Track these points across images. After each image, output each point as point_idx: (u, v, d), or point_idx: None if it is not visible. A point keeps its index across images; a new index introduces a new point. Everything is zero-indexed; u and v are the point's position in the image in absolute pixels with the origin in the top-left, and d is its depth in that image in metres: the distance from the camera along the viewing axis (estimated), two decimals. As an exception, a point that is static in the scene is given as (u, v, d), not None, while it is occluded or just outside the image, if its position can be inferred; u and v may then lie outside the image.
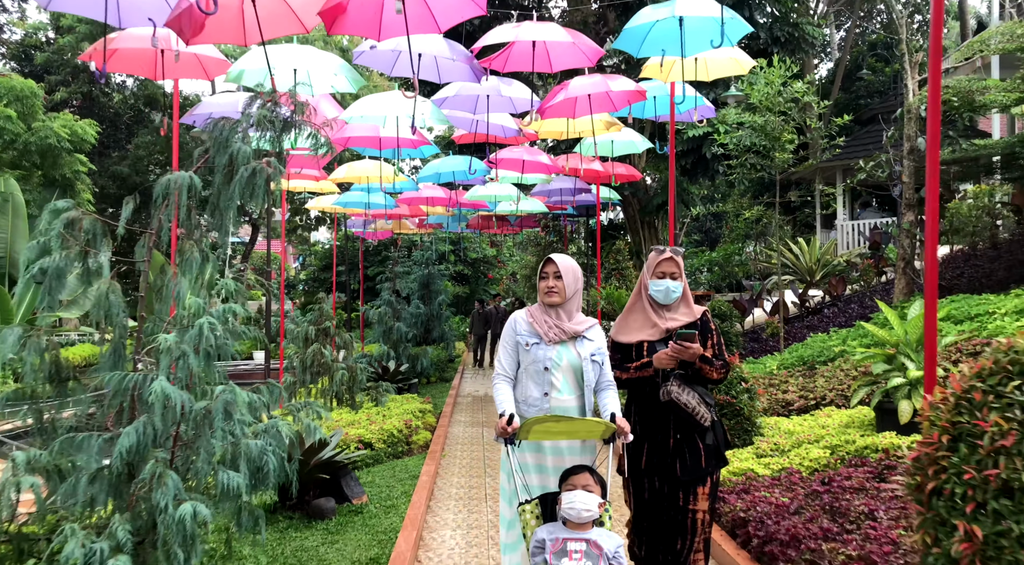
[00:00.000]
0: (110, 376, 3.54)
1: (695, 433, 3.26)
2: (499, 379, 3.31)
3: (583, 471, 2.90)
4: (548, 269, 3.34)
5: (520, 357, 3.29)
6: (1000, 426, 2.49)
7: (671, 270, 3.38)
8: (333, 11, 4.34)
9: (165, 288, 3.84)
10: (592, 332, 3.33)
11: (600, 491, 2.87)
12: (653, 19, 5.25)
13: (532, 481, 3.14)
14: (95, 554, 3.04)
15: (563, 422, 2.95)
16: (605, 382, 3.30)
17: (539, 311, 3.33)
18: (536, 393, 3.24)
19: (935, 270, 3.21)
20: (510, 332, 3.34)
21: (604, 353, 3.33)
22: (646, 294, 3.44)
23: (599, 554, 2.70)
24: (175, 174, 3.83)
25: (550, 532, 2.80)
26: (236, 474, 3.46)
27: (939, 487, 2.61)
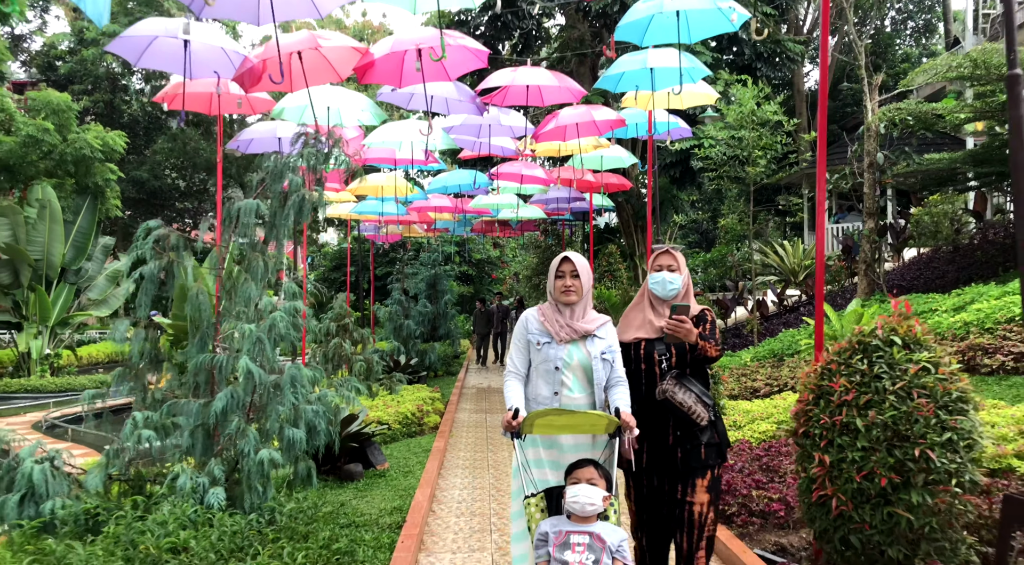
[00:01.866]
0: (200, 357, 4.63)
1: (695, 430, 3.26)
2: (510, 376, 3.32)
3: (588, 465, 2.90)
4: (565, 267, 3.30)
5: (531, 356, 3.30)
6: (845, 387, 3.56)
7: (668, 262, 3.41)
8: (364, 67, 5.42)
9: (237, 290, 4.91)
10: (603, 330, 3.31)
11: (605, 485, 2.87)
12: (627, 69, 6.34)
13: (548, 477, 3.15)
14: (199, 486, 4.13)
15: (565, 415, 2.99)
16: (616, 379, 3.27)
17: (551, 310, 3.33)
18: (546, 392, 3.24)
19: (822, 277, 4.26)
20: (522, 331, 3.36)
21: (615, 351, 3.31)
22: (647, 291, 3.48)
23: (602, 547, 2.70)
24: (245, 202, 4.90)
25: (554, 525, 2.81)
26: (297, 431, 4.56)
27: (807, 431, 3.69)
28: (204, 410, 4.43)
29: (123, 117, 29.01)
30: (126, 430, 4.39)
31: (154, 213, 32.15)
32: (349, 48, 5.43)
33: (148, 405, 4.79)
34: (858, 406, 3.50)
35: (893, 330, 3.65)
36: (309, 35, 5.25)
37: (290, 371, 4.49)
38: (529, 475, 3.06)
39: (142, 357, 4.78)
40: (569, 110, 7.45)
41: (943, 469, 3.30)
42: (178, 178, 32.33)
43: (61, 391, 15.96)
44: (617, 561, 2.72)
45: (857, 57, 10.58)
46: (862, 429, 3.43)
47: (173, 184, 32.34)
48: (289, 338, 4.64)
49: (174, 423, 4.54)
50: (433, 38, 5.07)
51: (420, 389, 11.19)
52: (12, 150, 16.06)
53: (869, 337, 3.68)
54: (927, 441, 3.33)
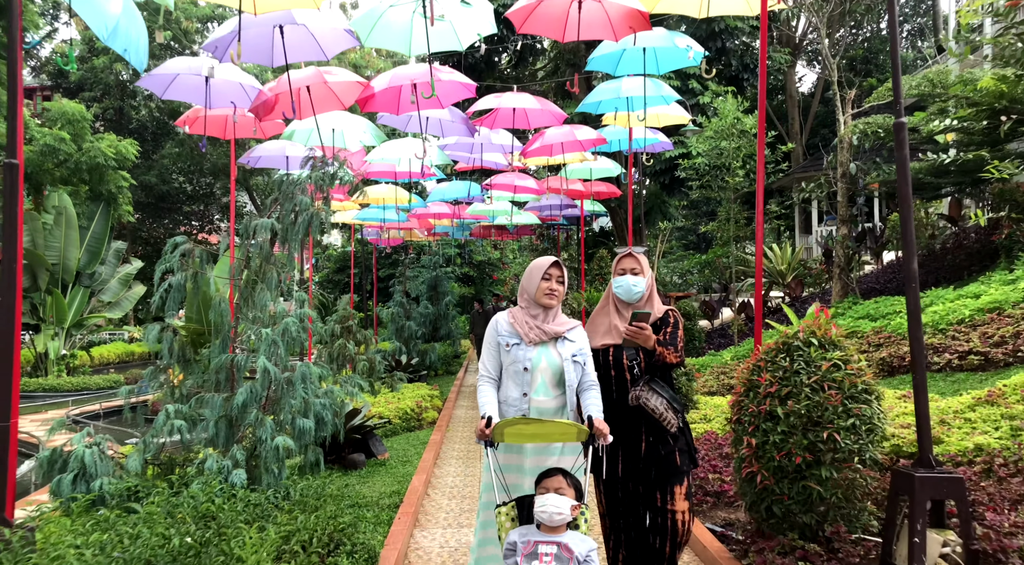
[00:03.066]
0: (222, 357, 5.31)
1: (667, 436, 3.30)
2: (483, 380, 3.33)
3: (557, 474, 2.90)
4: (553, 271, 3.34)
5: (502, 358, 3.32)
6: (770, 380, 4.22)
7: (631, 266, 3.45)
8: (366, 98, 6.09)
9: (254, 298, 5.58)
10: (574, 333, 3.34)
11: (574, 494, 2.87)
12: (604, 97, 7.02)
13: (519, 481, 3.18)
14: (224, 468, 4.80)
15: (534, 424, 2.97)
16: (588, 382, 3.29)
17: (520, 312, 3.37)
18: (515, 393, 3.25)
19: (760, 283, 4.92)
20: (492, 333, 3.38)
21: (586, 354, 3.33)
22: (612, 296, 3.51)
23: (569, 557, 2.70)
24: (262, 220, 5.57)
25: (522, 535, 2.81)
26: (307, 421, 5.23)
27: (739, 418, 4.35)
28: (226, 403, 5.11)
29: (131, 122, 29.74)
30: (159, 420, 5.06)
31: (162, 216, 32.92)
32: (353, 83, 6.10)
33: (175, 399, 5.47)
34: (780, 397, 4.15)
35: (812, 333, 4.30)
36: (316, 71, 5.92)
37: (301, 369, 5.16)
38: (502, 480, 3.06)
39: (171, 356, 5.46)
40: (554, 129, 8.12)
41: (847, 449, 3.95)
42: (185, 182, 33.07)
43: (78, 390, 16.70)
44: None
45: (830, 74, 11.22)
46: (782, 416, 4.08)
47: (180, 188, 33.08)
48: (299, 340, 5.31)
49: (199, 415, 5.22)
50: (426, 74, 5.74)
51: (420, 387, 11.86)
52: (30, 159, 16.77)
53: (792, 339, 4.34)
54: (834, 426, 3.98)
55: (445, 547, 5.00)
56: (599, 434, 3.00)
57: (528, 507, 2.90)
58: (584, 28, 5.16)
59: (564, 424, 2.95)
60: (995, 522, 3.80)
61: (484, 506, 3.34)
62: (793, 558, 3.88)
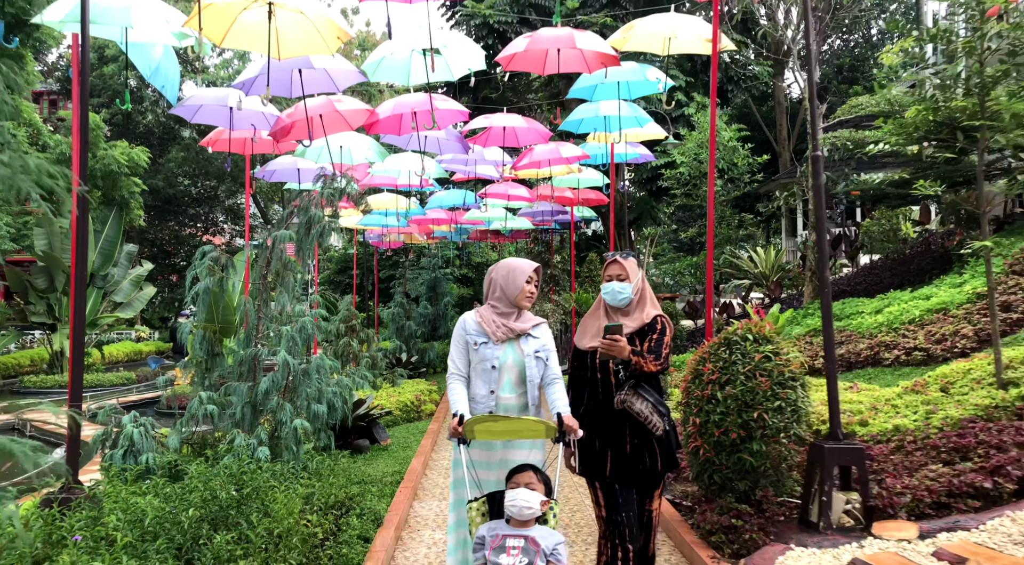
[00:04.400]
0: (247, 351, 6.11)
1: (651, 438, 3.37)
2: (452, 378, 3.38)
3: (527, 469, 2.96)
4: (534, 275, 3.45)
5: (470, 356, 3.38)
6: (712, 369, 5.02)
7: (617, 272, 3.49)
8: (371, 123, 6.90)
9: (276, 299, 6.37)
10: (538, 330, 3.44)
11: (544, 489, 2.93)
12: (585, 116, 7.83)
13: (490, 476, 3.21)
14: (250, 446, 5.60)
15: (501, 421, 3.02)
16: (551, 377, 3.37)
17: (488, 311, 3.43)
18: (483, 391, 3.32)
19: (710, 283, 5.71)
20: (460, 332, 3.43)
21: (549, 349, 3.43)
22: (601, 299, 3.59)
23: (536, 550, 2.74)
24: (281, 231, 6.36)
25: (491, 529, 2.86)
26: (320, 406, 6.03)
27: (687, 401, 5.14)
28: (250, 391, 5.91)
29: (139, 128, 30.55)
30: (193, 404, 5.86)
31: (167, 219, 33.71)
32: (360, 110, 6.90)
33: (205, 387, 6.27)
34: (719, 383, 4.94)
35: (749, 330, 5.10)
36: (327, 100, 6.73)
37: (316, 361, 5.96)
38: (473, 476, 3.11)
39: (203, 350, 6.26)
40: (541, 146, 8.93)
41: (775, 427, 4.74)
42: (190, 185, 33.88)
43: (92, 387, 17.48)
44: (551, 564, 2.78)
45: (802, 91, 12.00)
46: (721, 399, 4.87)
47: (185, 191, 33.89)
48: (312, 337, 6.11)
49: (227, 401, 6.02)
50: (425, 102, 6.54)
51: (419, 383, 12.66)
52: (47, 166, 17.55)
53: (732, 334, 5.14)
54: (764, 407, 4.77)
55: (440, 515, 5.80)
56: (569, 430, 3.08)
57: (499, 502, 2.93)
58: (563, 64, 5.96)
59: (532, 421, 3.01)
60: (891, 485, 4.60)
61: (455, 505, 3.38)
62: (728, 516, 4.67)
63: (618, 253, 3.55)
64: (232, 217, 36.28)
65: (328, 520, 4.74)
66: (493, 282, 3.47)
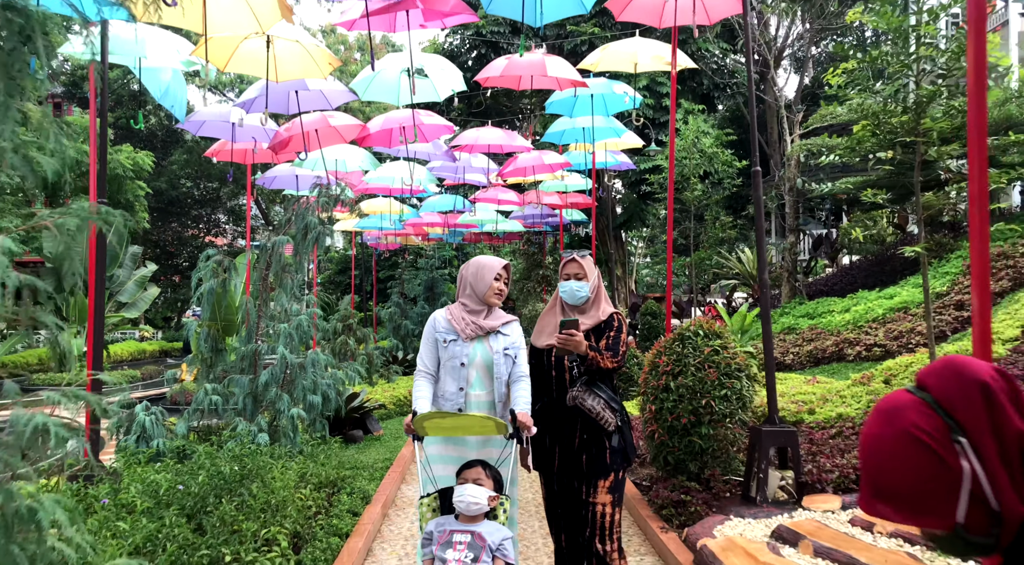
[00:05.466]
0: (249, 346, 6.67)
1: (601, 435, 3.40)
2: (419, 376, 3.41)
3: (476, 465, 2.99)
4: (503, 273, 3.48)
5: (440, 354, 3.40)
6: (666, 362, 5.57)
7: (575, 271, 3.53)
8: (363, 137, 7.46)
9: (275, 299, 6.93)
10: (508, 327, 3.46)
11: (493, 485, 2.95)
12: (566, 128, 8.40)
13: (448, 472, 3.20)
14: (251, 432, 6.16)
15: (450, 418, 3.05)
16: (517, 374, 3.39)
17: (458, 309, 3.46)
18: (452, 388, 3.34)
19: (670, 283, 6.26)
20: (430, 330, 3.46)
21: (518, 347, 3.44)
22: (558, 298, 3.63)
23: (482, 546, 2.75)
24: (281, 237, 6.92)
25: (439, 525, 2.88)
26: (316, 397, 6.59)
27: (645, 391, 5.70)
28: (251, 383, 6.47)
29: (142, 130, 31.14)
30: (199, 395, 6.42)
31: (170, 220, 34.31)
32: (353, 125, 7.47)
33: (210, 380, 6.83)
34: (672, 374, 5.50)
35: (700, 326, 5.65)
36: (322, 116, 7.29)
37: (311, 356, 6.52)
38: (429, 472, 3.18)
39: (208, 347, 6.82)
40: (525, 155, 9.49)
41: (722, 413, 5.29)
42: (192, 187, 34.49)
43: (99, 384, 18.07)
44: (498, 560, 2.78)
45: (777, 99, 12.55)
46: (674, 388, 5.43)
47: (188, 193, 34.49)
48: (308, 334, 6.66)
49: (230, 392, 6.58)
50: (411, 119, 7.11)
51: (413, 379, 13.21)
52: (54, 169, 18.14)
53: (686, 330, 5.69)
54: (712, 395, 5.32)
55: (424, 495, 6.36)
56: (522, 427, 3.12)
57: (452, 498, 2.94)
58: (537, 84, 6.52)
59: (480, 418, 3.05)
60: (823, 464, 5.16)
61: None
62: (678, 493, 5.22)
63: (575, 252, 3.58)
64: (234, 218, 36.87)
65: (321, 496, 5.30)
66: (463, 279, 3.51)
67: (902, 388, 1.28)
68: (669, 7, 5.37)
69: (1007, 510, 1.16)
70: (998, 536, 1.18)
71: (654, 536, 4.91)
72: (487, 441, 3.28)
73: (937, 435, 1.18)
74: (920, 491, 1.19)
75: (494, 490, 2.95)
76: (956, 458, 1.17)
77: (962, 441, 1.17)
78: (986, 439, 1.17)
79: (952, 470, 1.17)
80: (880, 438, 1.23)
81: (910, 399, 1.23)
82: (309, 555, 4.18)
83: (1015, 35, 14.91)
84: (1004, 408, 1.18)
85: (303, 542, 4.44)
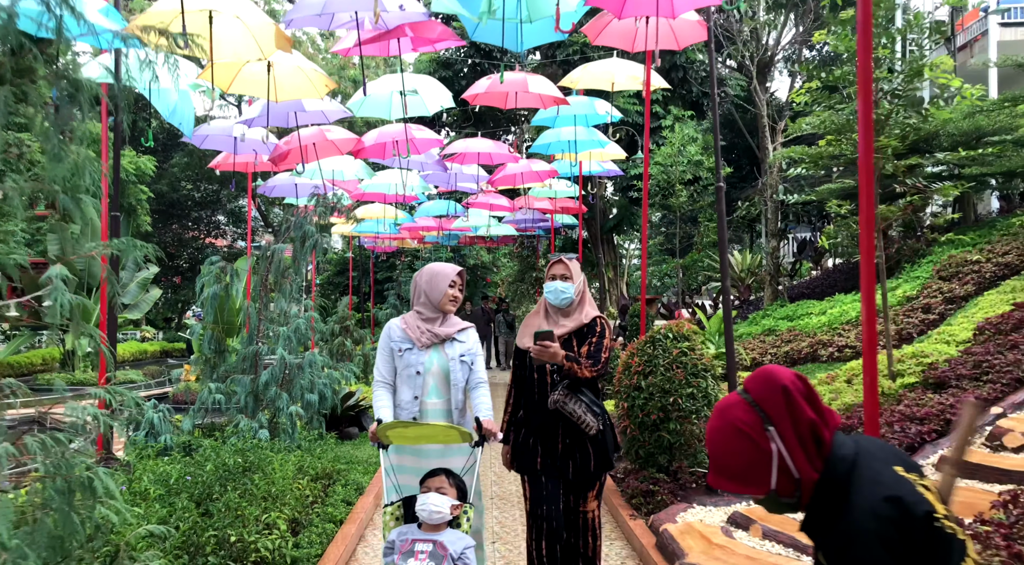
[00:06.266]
0: (250, 348, 7.10)
1: (584, 439, 3.39)
2: (378, 385, 3.39)
3: (440, 474, 2.97)
4: (457, 279, 3.47)
5: (395, 362, 3.39)
6: (638, 362, 6.00)
7: (561, 272, 3.53)
8: (358, 149, 7.90)
9: (275, 303, 7.36)
10: (463, 334, 3.46)
11: (456, 493, 2.95)
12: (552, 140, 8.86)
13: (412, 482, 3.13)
14: (252, 429, 6.59)
15: (412, 427, 3.05)
16: (475, 380, 3.40)
17: (413, 317, 3.44)
18: (408, 396, 3.32)
19: (644, 287, 6.69)
20: (386, 339, 3.44)
21: (474, 353, 3.44)
22: (543, 300, 3.63)
23: (444, 555, 2.75)
24: (278, 245, 7.35)
25: (401, 533, 2.89)
26: (313, 396, 7.02)
27: (619, 389, 6.13)
28: (253, 383, 6.90)
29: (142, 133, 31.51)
30: (203, 393, 6.85)
31: (171, 222, 34.74)
32: (348, 139, 7.90)
33: (213, 380, 7.26)
34: (644, 374, 5.93)
35: (671, 329, 6.09)
36: (319, 130, 7.73)
37: (308, 357, 6.96)
38: (394, 480, 3.16)
39: (211, 348, 7.25)
40: (513, 164, 9.93)
41: (688, 410, 5.72)
42: (193, 189, 34.91)
43: (102, 384, 18.51)
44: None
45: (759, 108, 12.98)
46: (645, 387, 5.85)
47: (188, 195, 34.91)
48: (306, 336, 7.09)
49: (232, 391, 7.01)
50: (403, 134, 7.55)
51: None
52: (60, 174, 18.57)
53: (657, 333, 6.12)
54: (679, 393, 5.75)
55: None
56: (488, 433, 3.13)
57: (415, 506, 2.95)
58: (520, 101, 6.96)
59: (442, 427, 3.06)
60: (780, 457, 5.59)
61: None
62: (647, 483, 5.65)
63: (562, 254, 3.61)
64: (234, 220, 37.28)
65: (317, 487, 5.73)
66: (417, 287, 3.51)
67: (735, 391, 1.73)
68: (641, 33, 5.80)
69: (804, 477, 1.61)
70: (800, 497, 1.63)
71: (624, 523, 5.35)
72: (448, 450, 3.26)
73: (754, 426, 1.63)
74: (744, 467, 1.63)
75: (457, 499, 2.96)
76: (768, 442, 1.61)
77: (771, 429, 1.61)
78: (787, 427, 1.62)
79: (765, 451, 1.61)
80: (717, 430, 1.68)
81: (737, 399, 1.69)
82: (306, 538, 4.62)
83: (994, 45, 15.35)
84: (800, 404, 1.63)
85: (301, 527, 4.87)
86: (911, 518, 1.52)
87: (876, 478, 1.60)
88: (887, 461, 1.67)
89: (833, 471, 1.63)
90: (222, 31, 5.09)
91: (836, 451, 1.66)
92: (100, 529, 2.07)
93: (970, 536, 3.50)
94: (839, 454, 1.65)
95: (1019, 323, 6.72)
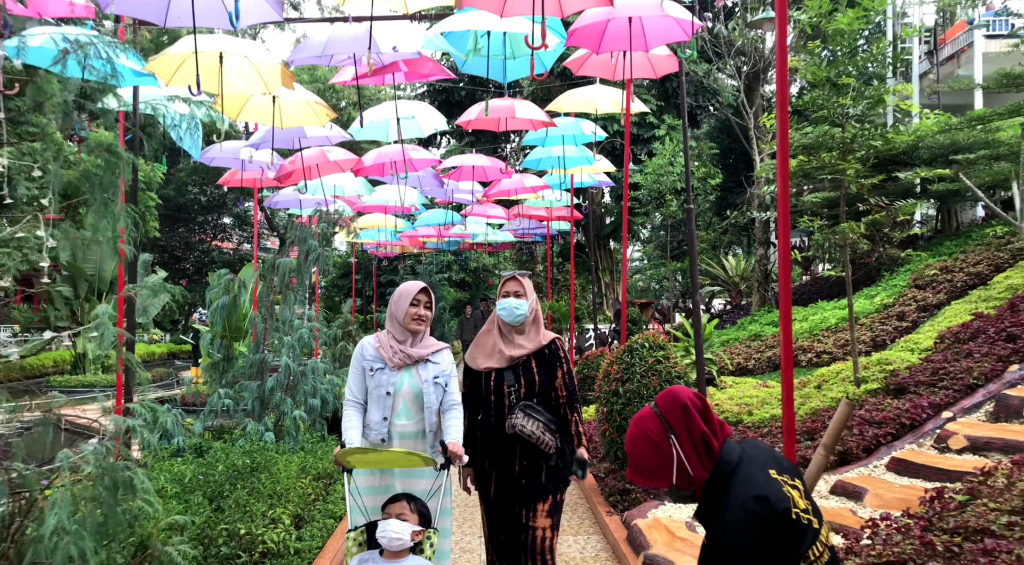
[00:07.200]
0: (257, 356, 7.58)
1: (540, 458, 3.39)
2: (348, 405, 3.33)
3: (401, 499, 2.95)
4: (421, 297, 3.39)
5: (367, 382, 3.33)
6: (616, 370, 6.46)
7: (515, 289, 3.50)
8: (358, 168, 8.39)
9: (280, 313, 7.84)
10: (438, 356, 3.39)
11: (418, 519, 2.92)
12: (542, 156, 9.32)
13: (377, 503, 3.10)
14: (259, 431, 7.07)
15: (372, 453, 3.00)
16: (448, 403, 3.34)
17: (386, 337, 3.39)
18: (377, 417, 3.26)
19: (625, 293, 7.14)
20: (358, 357, 3.38)
21: (449, 375, 3.37)
22: (497, 318, 3.57)
23: None
24: (285, 259, 7.82)
25: (363, 560, 2.85)
26: (315, 401, 7.50)
27: (599, 395, 6.59)
28: (259, 388, 7.38)
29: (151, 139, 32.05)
30: (212, 398, 7.32)
31: (177, 226, 35.32)
32: (349, 159, 8.39)
33: (222, 385, 7.74)
34: (620, 380, 6.39)
35: (647, 339, 6.55)
36: (320, 151, 8.22)
37: (311, 364, 7.44)
38: (359, 503, 3.11)
39: (220, 355, 7.73)
40: (507, 180, 10.42)
41: (662, 414, 6.18)
42: (199, 194, 35.49)
43: (112, 385, 19.05)
44: None
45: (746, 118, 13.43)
46: (622, 393, 6.32)
47: (195, 199, 35.51)
48: (310, 344, 7.57)
49: (240, 396, 7.49)
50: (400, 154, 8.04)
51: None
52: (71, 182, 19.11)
53: (634, 343, 6.58)
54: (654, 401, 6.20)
55: (410, 487, 7.26)
56: (453, 456, 3.09)
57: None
58: (511, 126, 7.44)
59: (403, 453, 3.00)
60: (746, 458, 6.05)
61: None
62: (625, 482, 6.11)
63: (516, 271, 4.05)
64: (239, 223, 37.85)
65: (319, 486, 6.21)
66: (388, 306, 3.49)
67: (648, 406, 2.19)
68: (620, 65, 6.27)
69: (697, 476, 2.08)
70: (694, 491, 2.11)
71: (601, 519, 5.81)
72: (412, 472, 3.23)
73: (660, 434, 2.10)
74: (652, 466, 2.11)
75: (420, 524, 2.93)
76: (670, 447, 2.09)
77: (672, 437, 2.08)
78: (683, 435, 2.09)
79: (667, 454, 2.08)
80: (632, 436, 2.16)
81: (649, 412, 2.16)
82: (308, 532, 5.09)
83: (979, 57, 15.74)
84: (695, 417, 2.10)
85: (303, 522, 5.35)
86: (772, 513, 1.98)
87: (751, 479, 2.07)
88: (765, 465, 2.14)
89: (719, 472, 2.11)
90: (231, 69, 5.57)
91: (723, 456, 2.13)
92: (137, 518, 2.54)
93: (895, 529, 3.97)
94: (725, 458, 2.13)
95: (976, 332, 7.16)
